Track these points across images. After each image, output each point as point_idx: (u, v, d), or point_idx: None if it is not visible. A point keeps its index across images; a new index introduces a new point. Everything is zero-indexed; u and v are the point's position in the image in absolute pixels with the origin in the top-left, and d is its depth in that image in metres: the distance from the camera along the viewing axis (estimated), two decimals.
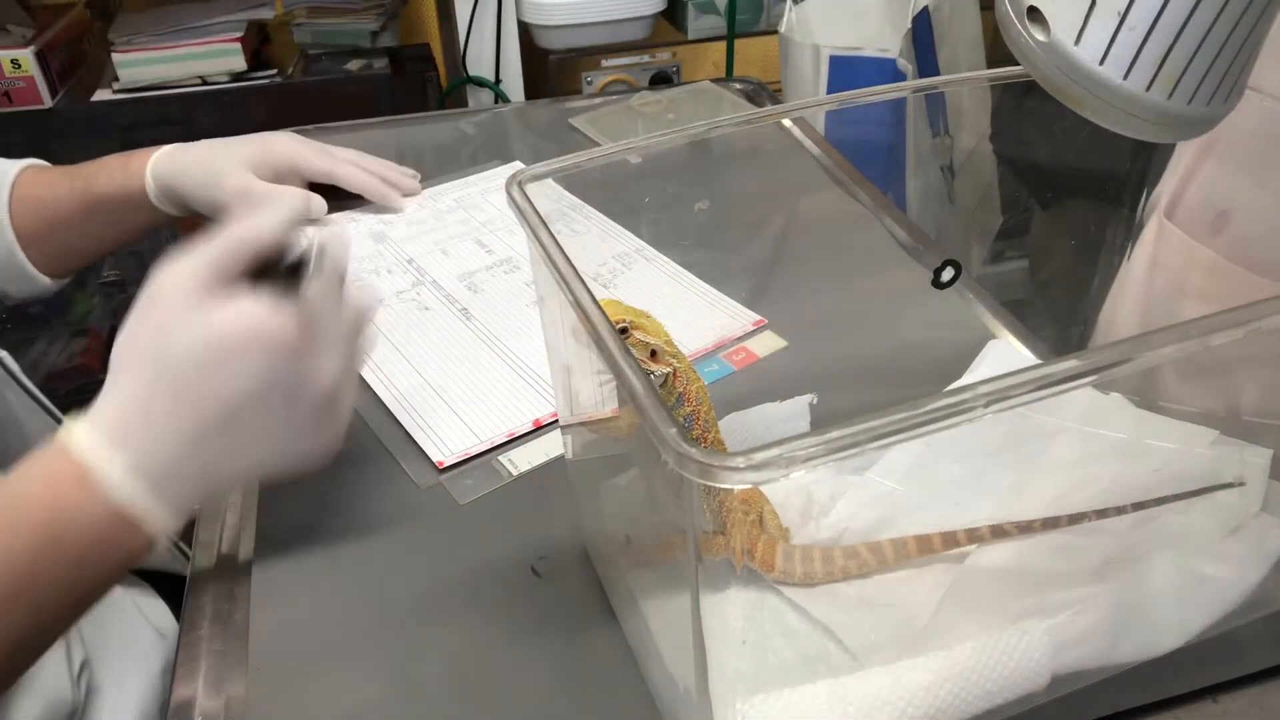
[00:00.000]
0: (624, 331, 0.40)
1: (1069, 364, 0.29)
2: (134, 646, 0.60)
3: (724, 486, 0.27)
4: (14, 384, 0.65)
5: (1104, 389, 0.50)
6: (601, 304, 0.34)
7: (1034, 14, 0.36)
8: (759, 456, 0.27)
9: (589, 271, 0.60)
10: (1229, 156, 0.59)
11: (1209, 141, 0.59)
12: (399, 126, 1.03)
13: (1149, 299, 0.64)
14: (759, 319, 0.66)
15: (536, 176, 0.41)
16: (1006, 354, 0.59)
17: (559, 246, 0.36)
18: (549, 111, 1.05)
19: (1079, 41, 0.35)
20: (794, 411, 0.54)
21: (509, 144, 0.97)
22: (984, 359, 0.58)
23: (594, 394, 0.40)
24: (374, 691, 0.44)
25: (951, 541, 0.43)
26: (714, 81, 1.04)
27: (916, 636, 0.40)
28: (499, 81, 1.45)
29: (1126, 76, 0.34)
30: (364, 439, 0.58)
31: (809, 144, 0.87)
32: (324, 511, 0.52)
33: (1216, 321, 0.30)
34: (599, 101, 1.02)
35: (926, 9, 1.25)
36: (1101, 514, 0.42)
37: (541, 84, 1.56)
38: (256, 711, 0.43)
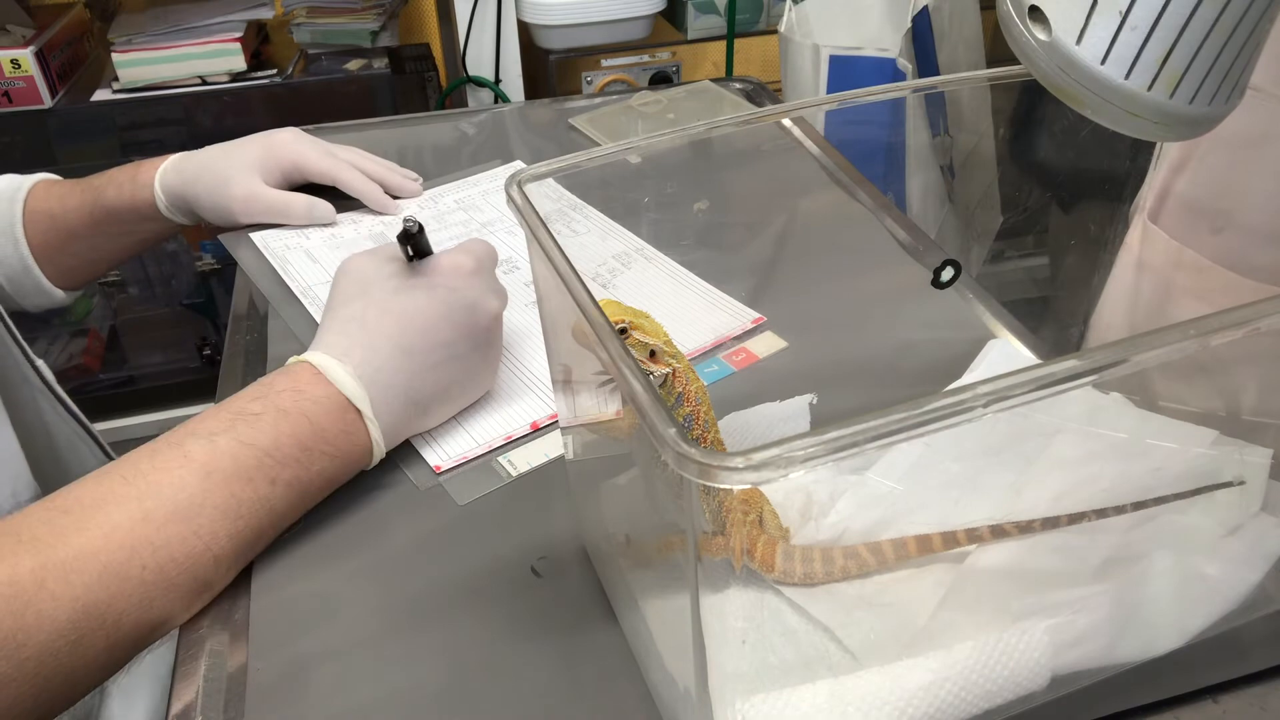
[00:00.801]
0: (623, 332, 0.40)
1: (1069, 364, 0.29)
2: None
3: (723, 486, 0.27)
4: (48, 393, 0.67)
5: (1104, 389, 0.50)
6: (601, 304, 0.34)
7: (1035, 13, 0.36)
8: (758, 456, 0.26)
9: (589, 271, 0.60)
10: (1215, 157, 0.59)
11: (1192, 142, 0.59)
12: (399, 126, 1.03)
13: (1136, 301, 0.64)
14: (758, 316, 0.66)
15: (536, 176, 0.41)
16: (1006, 354, 0.59)
17: (558, 246, 0.36)
18: (549, 111, 1.05)
19: (1080, 41, 0.35)
20: (794, 411, 0.54)
21: (509, 144, 0.97)
22: (984, 359, 0.58)
23: (593, 394, 0.40)
24: (374, 691, 0.44)
25: (951, 541, 0.43)
26: (714, 81, 1.04)
27: (916, 636, 0.40)
28: (499, 81, 1.45)
29: (1128, 76, 0.34)
30: None
31: (809, 144, 0.87)
32: (324, 511, 0.52)
33: (1216, 321, 0.30)
34: (599, 101, 1.02)
35: (926, 9, 1.25)
36: (1101, 514, 0.42)
37: (541, 84, 1.56)
38: (257, 712, 0.43)
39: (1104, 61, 0.34)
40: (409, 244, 0.55)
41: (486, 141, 0.98)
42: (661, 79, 1.60)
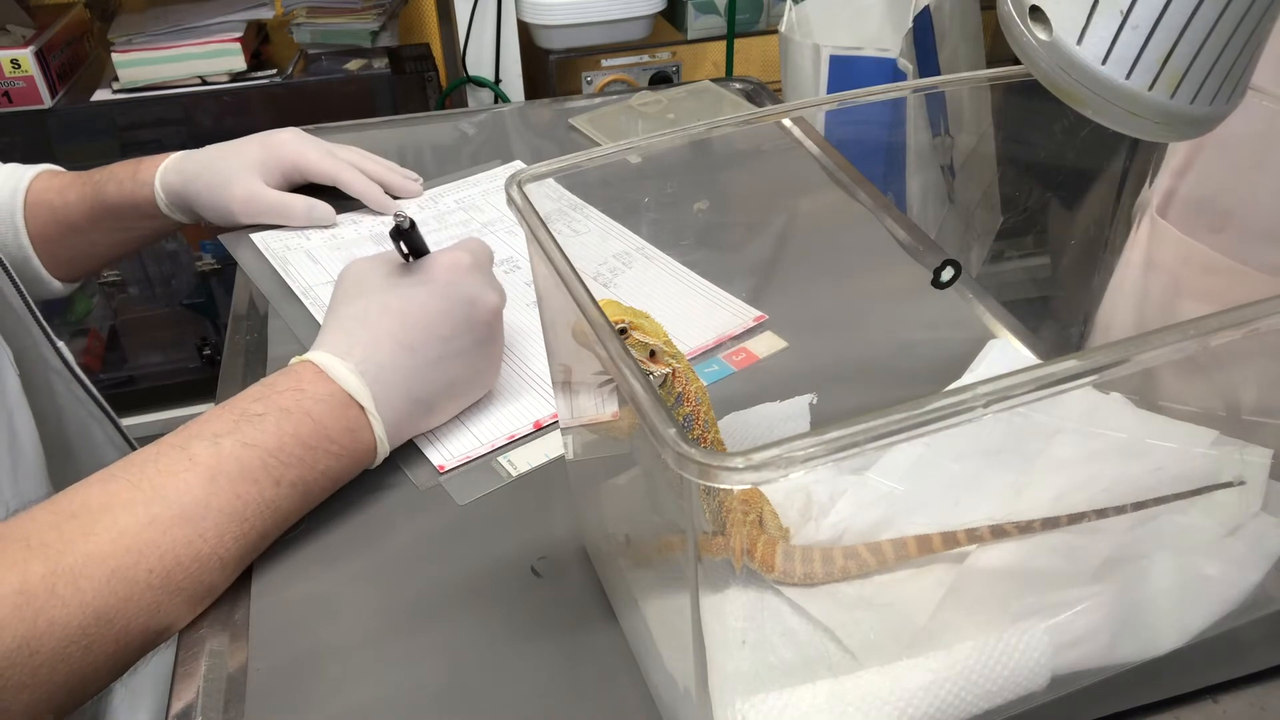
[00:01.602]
0: (623, 332, 0.40)
1: (1069, 364, 0.29)
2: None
3: (723, 487, 0.27)
4: (65, 374, 0.67)
5: (1104, 389, 0.50)
6: (601, 304, 0.34)
7: (1036, 13, 0.36)
8: (758, 456, 0.26)
9: (589, 271, 0.60)
10: (1224, 154, 0.59)
11: (1194, 142, 0.59)
12: (399, 126, 1.03)
13: (1145, 298, 0.64)
14: (759, 315, 0.66)
15: (536, 176, 0.41)
16: (1006, 354, 0.59)
17: (558, 246, 0.36)
18: (549, 111, 1.05)
19: (1081, 41, 0.35)
20: (794, 411, 0.54)
21: (509, 144, 0.97)
22: (984, 359, 0.58)
23: (593, 394, 0.40)
24: (374, 691, 0.44)
25: (951, 541, 0.43)
26: (714, 81, 1.04)
27: (916, 636, 0.40)
28: (499, 81, 1.45)
29: (1129, 76, 0.34)
30: None
31: (809, 144, 0.87)
32: (323, 512, 0.52)
33: (1216, 321, 0.30)
34: (599, 101, 1.02)
35: (927, 8, 1.25)
36: (1101, 514, 0.42)
37: (541, 84, 1.56)
38: (257, 712, 0.43)
39: (1105, 61, 0.34)
40: (401, 240, 0.56)
41: (486, 141, 0.98)
42: (661, 79, 1.60)
